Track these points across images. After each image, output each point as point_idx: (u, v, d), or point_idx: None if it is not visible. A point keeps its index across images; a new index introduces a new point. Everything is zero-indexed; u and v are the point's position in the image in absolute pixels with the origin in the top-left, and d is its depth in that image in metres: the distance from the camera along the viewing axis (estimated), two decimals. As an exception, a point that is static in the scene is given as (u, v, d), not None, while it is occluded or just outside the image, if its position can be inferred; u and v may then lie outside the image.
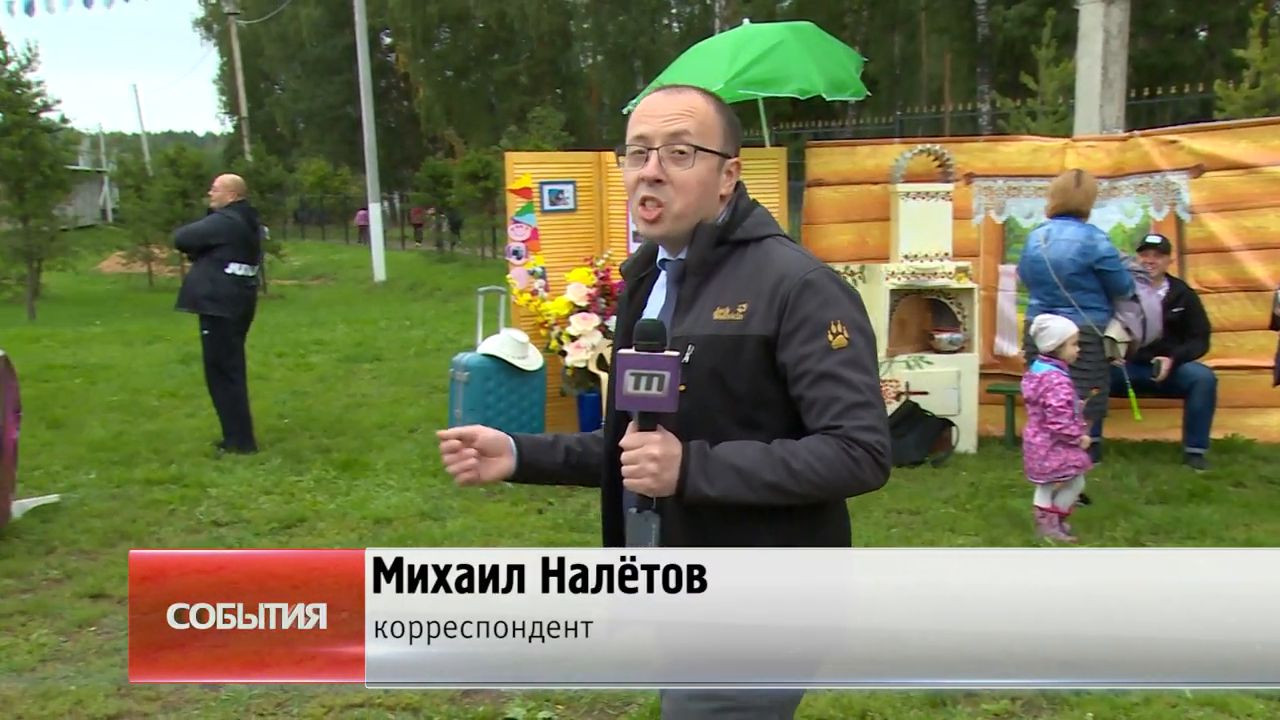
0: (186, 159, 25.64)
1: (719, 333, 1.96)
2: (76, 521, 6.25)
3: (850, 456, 1.88)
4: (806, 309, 1.93)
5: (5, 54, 20.47)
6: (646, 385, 1.86)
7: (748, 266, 2.00)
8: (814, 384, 1.91)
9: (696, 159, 1.99)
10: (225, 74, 56.56)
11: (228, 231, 7.72)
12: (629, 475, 1.91)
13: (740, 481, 1.89)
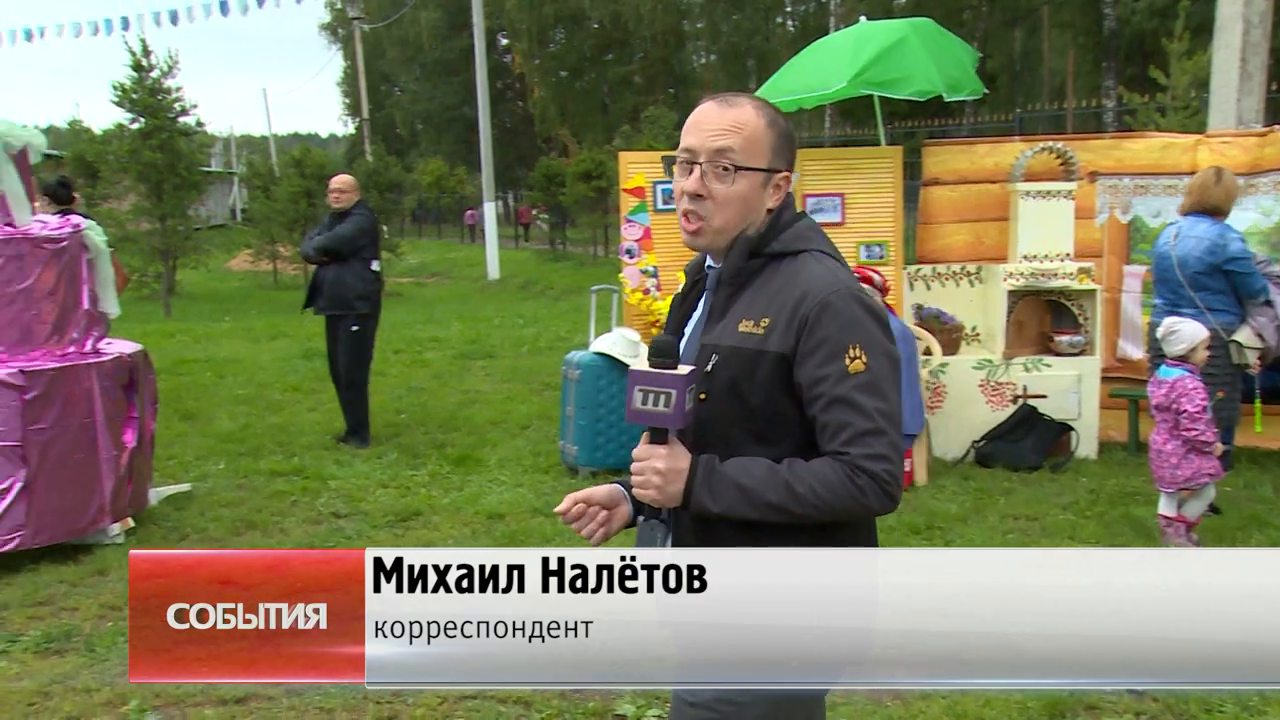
0: (311, 160, 26.41)
1: (741, 345, 1.97)
2: (206, 510, 6.50)
3: (855, 484, 1.88)
4: (825, 330, 1.92)
5: (149, 62, 21.40)
6: (654, 402, 1.89)
7: (778, 281, 2.00)
8: (827, 407, 1.91)
9: (739, 176, 2.00)
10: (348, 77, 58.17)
11: (370, 230, 8.08)
12: (636, 485, 1.96)
13: (743, 499, 1.91)
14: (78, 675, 4.21)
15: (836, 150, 8.36)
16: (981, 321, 7.88)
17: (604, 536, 2.12)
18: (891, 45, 7.32)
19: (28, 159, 5.98)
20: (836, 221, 7.40)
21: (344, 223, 8.06)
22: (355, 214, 8.05)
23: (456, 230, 45.84)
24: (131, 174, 21.65)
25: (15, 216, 5.79)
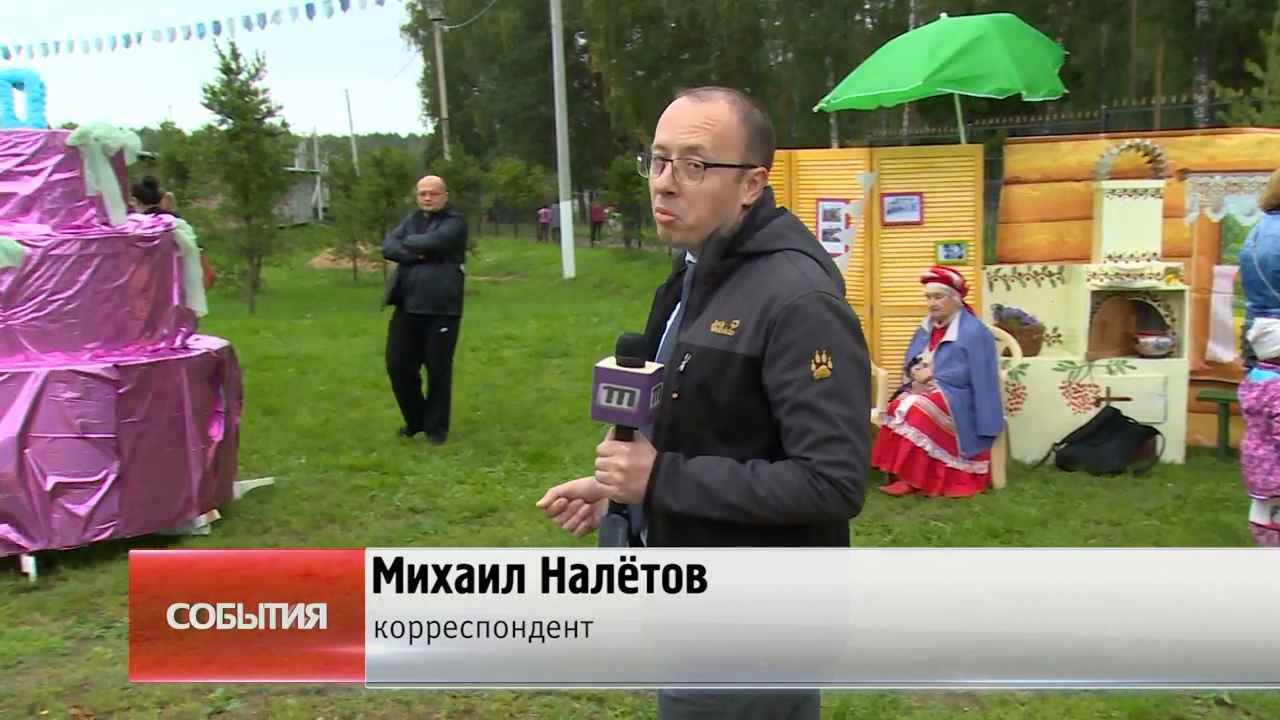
0: (391, 159, 26.80)
1: (711, 346, 1.97)
2: (288, 504, 6.64)
3: (815, 489, 1.88)
4: (792, 334, 1.92)
5: (237, 65, 21.91)
6: (618, 400, 1.90)
7: (750, 282, 2.00)
8: (791, 412, 1.92)
9: (709, 173, 1.99)
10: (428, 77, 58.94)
11: (465, 231, 8.28)
12: (599, 480, 1.98)
13: (704, 498, 1.91)
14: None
15: (915, 149, 8.26)
16: (1063, 322, 7.73)
17: (586, 529, 2.15)
18: (971, 42, 7.21)
19: (124, 160, 6.17)
20: (914, 220, 7.31)
21: (444, 224, 8.12)
22: (453, 215, 8.19)
23: (533, 229, 46.19)
24: (219, 174, 22.19)
25: (111, 216, 5.98)
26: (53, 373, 5.47)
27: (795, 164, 7.77)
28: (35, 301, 5.63)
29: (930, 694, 4.04)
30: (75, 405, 5.48)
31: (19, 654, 4.43)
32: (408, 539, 5.97)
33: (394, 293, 8.22)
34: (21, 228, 5.69)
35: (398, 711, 3.93)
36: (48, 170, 5.82)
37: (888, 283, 7.39)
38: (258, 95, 22.21)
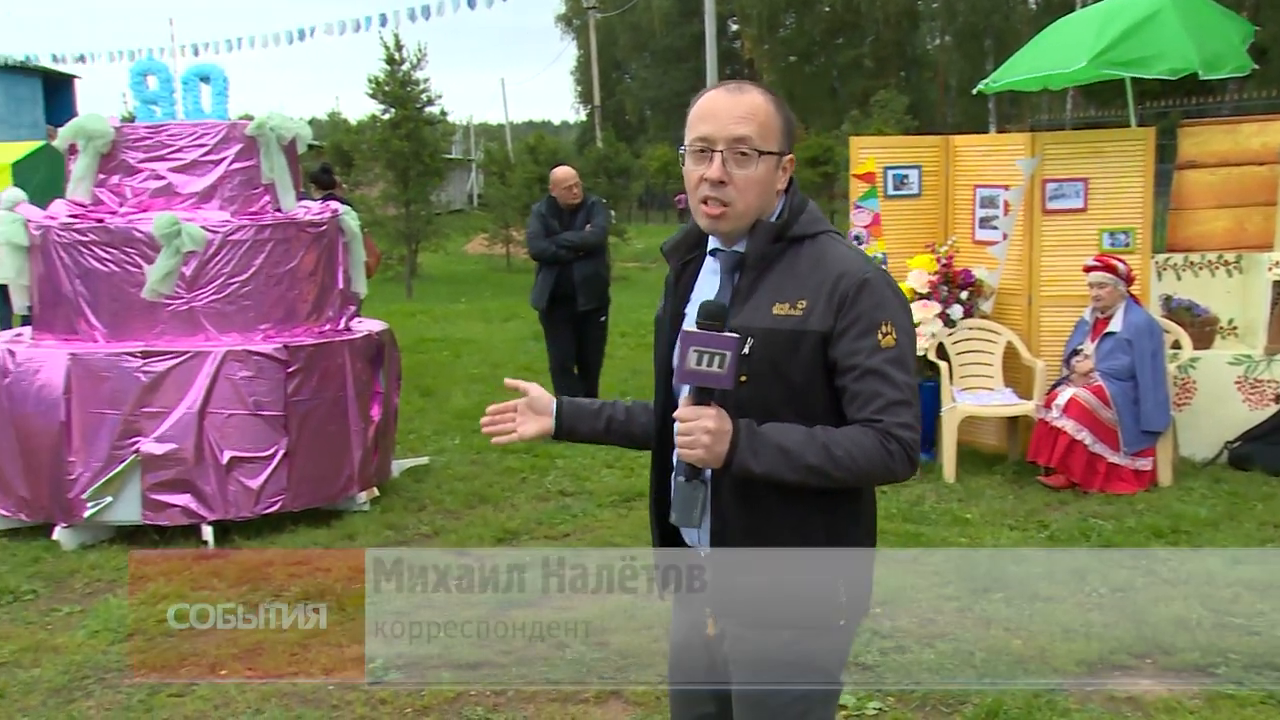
0: (545, 147, 27.24)
1: (778, 327, 2.03)
2: (443, 483, 6.84)
3: (886, 449, 1.99)
4: (861, 307, 2.02)
5: (400, 55, 22.60)
6: (708, 362, 1.93)
7: (805, 263, 2.08)
8: (860, 378, 2.01)
9: (759, 161, 2.07)
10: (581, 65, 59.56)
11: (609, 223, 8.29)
12: (683, 445, 1.99)
13: (784, 461, 1.98)
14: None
15: (1080, 133, 7.93)
16: (1240, 314, 7.34)
17: (513, 439, 2.28)
18: (1143, 20, 6.88)
19: (295, 149, 6.45)
20: (1078, 207, 7.03)
21: (597, 215, 8.08)
22: (596, 204, 8.16)
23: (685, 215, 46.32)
24: (381, 162, 22.94)
25: (281, 202, 6.26)
26: (229, 352, 5.77)
27: (952, 149, 7.58)
28: (215, 284, 5.94)
29: (1090, 697, 3.92)
30: (249, 383, 5.77)
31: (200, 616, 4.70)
32: (557, 521, 6.08)
33: (556, 296, 8.00)
34: (204, 214, 6.01)
35: (546, 689, 4.01)
36: (228, 159, 6.13)
37: (1047, 271, 7.15)
38: (419, 85, 22.85)
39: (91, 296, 5.91)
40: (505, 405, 2.30)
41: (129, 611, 4.73)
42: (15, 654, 4.34)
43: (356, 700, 3.94)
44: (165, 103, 6.25)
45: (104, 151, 6.06)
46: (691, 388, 1.99)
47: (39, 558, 5.48)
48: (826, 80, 43.12)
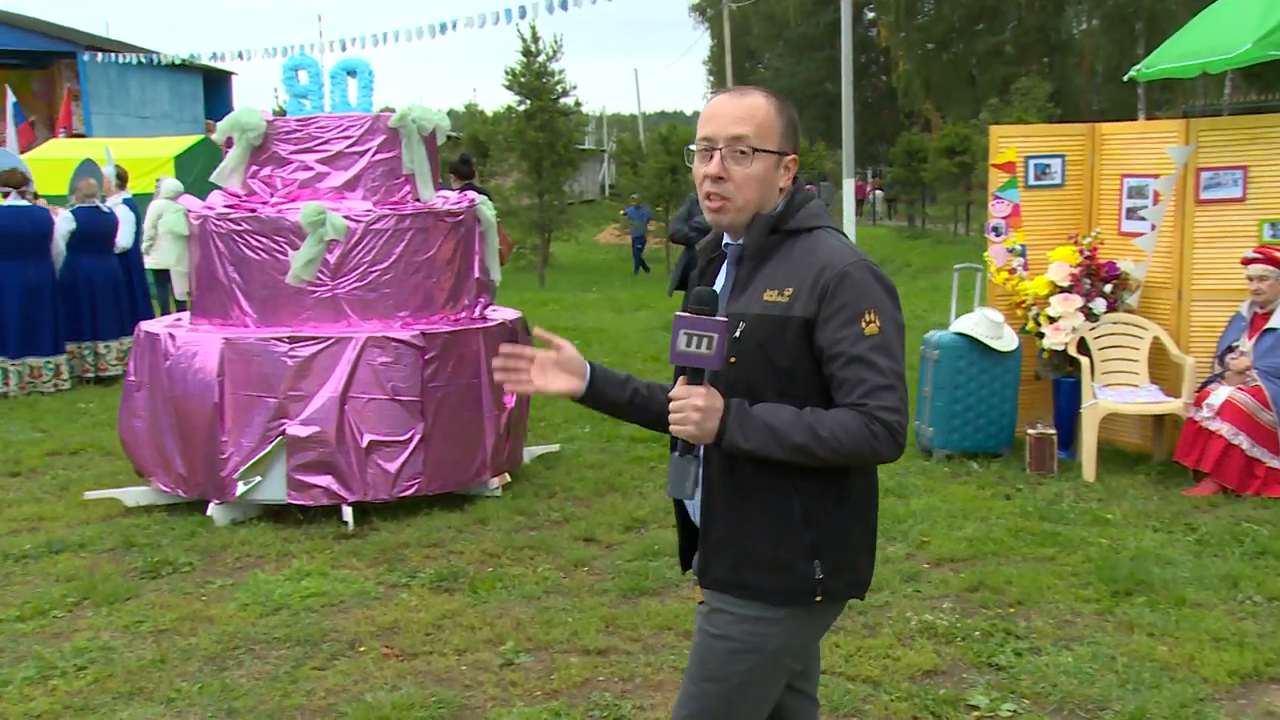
0: (677, 137, 27.23)
1: (767, 313, 2.17)
2: (573, 470, 6.93)
3: (870, 431, 2.10)
4: (844, 297, 2.13)
5: (537, 47, 22.94)
6: (697, 345, 2.06)
7: (798, 255, 2.21)
8: (846, 365, 2.12)
9: (755, 159, 2.20)
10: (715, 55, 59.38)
11: None
12: (675, 422, 2.13)
13: (772, 438, 2.10)
14: (464, 613, 4.64)
15: (1240, 119, 7.52)
16: None
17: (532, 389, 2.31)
18: (1314, -2, 6.51)
19: (435, 140, 6.60)
20: (1236, 197, 6.70)
21: None
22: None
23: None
24: (516, 152, 23.33)
25: (420, 192, 6.42)
26: (370, 338, 5.94)
27: (1099, 137, 7.31)
28: (357, 272, 6.13)
29: (1243, 710, 3.75)
30: (387, 369, 5.93)
31: (340, 594, 4.87)
32: (685, 510, 6.09)
33: (686, 277, 8.22)
34: (348, 204, 6.21)
35: (674, 678, 4.03)
36: (372, 150, 6.31)
37: (1200, 264, 6.83)
38: (554, 76, 23.16)
39: (244, 283, 6.17)
40: (519, 349, 2.34)
41: (275, 586, 4.93)
42: (174, 622, 4.57)
43: (488, 681, 4.03)
44: (314, 96, 6.47)
45: (256, 144, 6.31)
46: (686, 369, 2.11)
47: (195, 532, 5.75)
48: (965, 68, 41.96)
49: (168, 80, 24.41)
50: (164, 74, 24.02)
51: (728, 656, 2.25)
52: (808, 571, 2.21)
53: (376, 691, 3.92)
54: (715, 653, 2.26)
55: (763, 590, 2.22)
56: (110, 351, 10.18)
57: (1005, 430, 7.07)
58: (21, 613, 4.69)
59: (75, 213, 10.12)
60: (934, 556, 5.30)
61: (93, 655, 4.23)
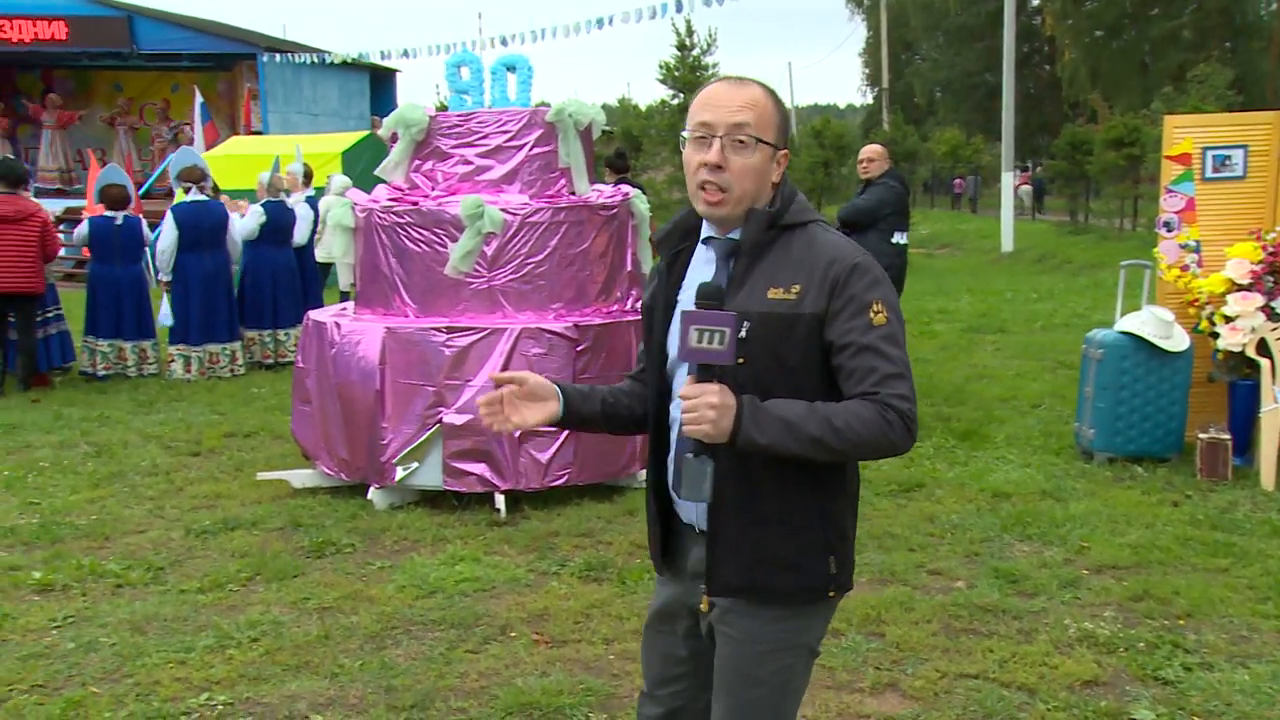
0: (830, 130, 26.90)
1: (774, 310, 2.12)
2: (721, 463, 6.92)
3: (885, 419, 2.06)
4: (853, 289, 2.11)
5: (691, 41, 23.00)
6: (709, 340, 2.00)
7: (797, 250, 2.17)
8: (856, 355, 2.10)
9: (756, 149, 2.15)
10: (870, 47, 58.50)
11: (894, 201, 7.93)
12: (689, 421, 2.04)
13: (788, 433, 2.05)
14: (612, 603, 4.70)
15: None
16: None
17: (513, 426, 2.27)
18: None
19: (591, 135, 6.69)
20: None
21: (865, 193, 8.09)
22: (879, 184, 8.01)
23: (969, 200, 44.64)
24: (669, 146, 23.42)
25: (576, 186, 6.51)
26: (524, 329, 6.07)
27: (1286, 127, 6.90)
28: (513, 264, 6.27)
29: None
30: (540, 360, 6.04)
31: (492, 580, 5.00)
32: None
33: None
34: (505, 197, 6.35)
35: (821, 676, 4.00)
36: (529, 145, 6.43)
37: (1397, 263, 6.38)
38: (708, 70, 23.16)
39: (405, 274, 6.37)
40: (493, 396, 2.29)
41: (431, 570, 5.09)
42: (337, 600, 4.77)
43: (635, 672, 4.06)
44: (475, 92, 6.62)
45: (419, 139, 6.51)
46: (695, 365, 2.06)
47: (356, 514, 5.98)
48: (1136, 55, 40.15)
49: (337, 78, 25.39)
50: (334, 72, 25.00)
51: (767, 659, 2.22)
52: (823, 569, 2.21)
53: (527, 677, 4.01)
54: (750, 658, 2.22)
55: (779, 593, 2.20)
56: (289, 338, 10.68)
57: (1174, 434, 6.75)
58: (202, 585, 4.96)
59: (265, 206, 10.69)
60: (1094, 563, 5.11)
61: (264, 628, 4.45)
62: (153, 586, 4.97)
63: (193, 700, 3.86)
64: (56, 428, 8.03)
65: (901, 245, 7.96)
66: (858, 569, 4.99)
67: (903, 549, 5.35)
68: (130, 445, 7.54)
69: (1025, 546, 5.38)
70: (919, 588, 4.86)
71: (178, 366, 9.95)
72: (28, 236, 9.04)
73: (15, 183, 9.29)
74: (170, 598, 4.82)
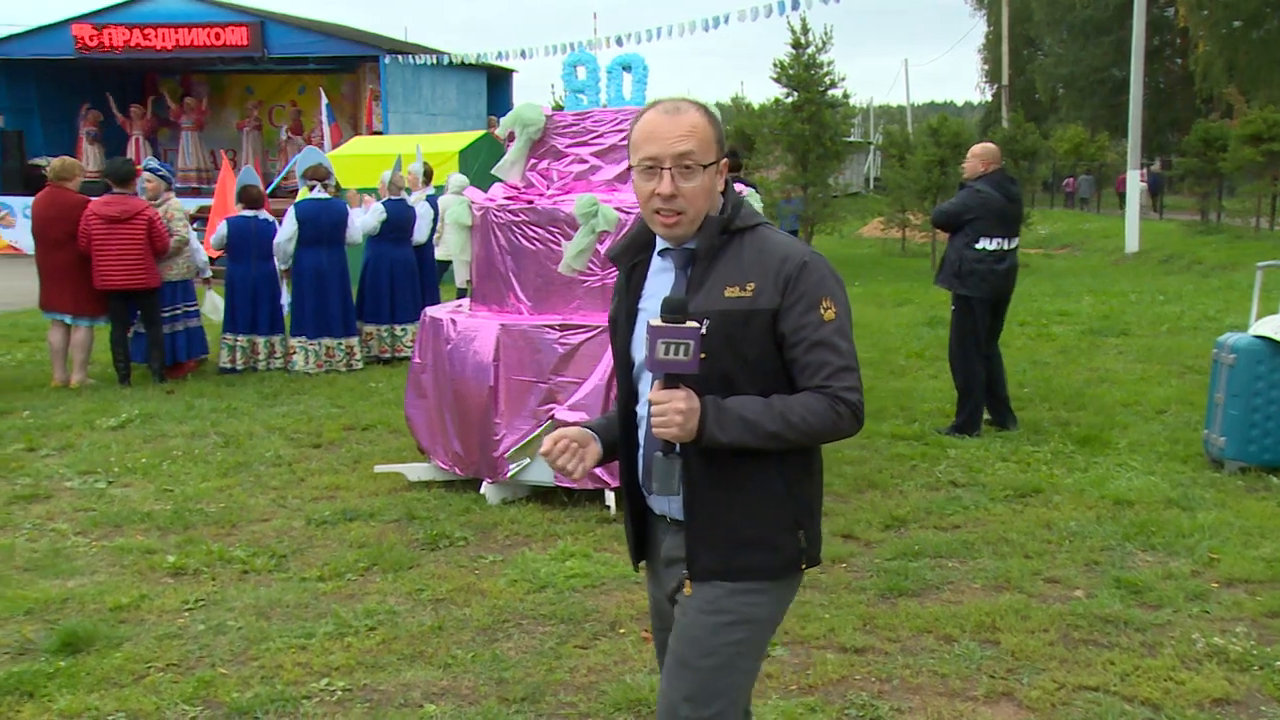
0: (947, 128, 26.38)
1: (731, 308, 2.28)
2: (830, 466, 6.83)
3: (836, 412, 2.27)
4: (804, 286, 2.29)
5: (806, 39, 22.82)
6: (674, 352, 2.15)
7: (749, 251, 2.33)
8: (809, 350, 2.28)
9: (701, 174, 2.30)
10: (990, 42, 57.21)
11: (977, 206, 7.51)
12: (659, 425, 2.21)
13: (748, 430, 2.24)
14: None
15: None
16: None
17: (584, 471, 2.42)
18: None
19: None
20: None
21: (956, 196, 7.83)
22: (969, 187, 7.65)
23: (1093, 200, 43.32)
24: (782, 145, 23.28)
25: (689, 186, 6.51)
26: (636, 328, 6.09)
27: None
28: (625, 264, 6.30)
29: None
30: (652, 358, 6.06)
31: (602, 576, 5.04)
32: (948, 512, 5.93)
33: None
34: (619, 196, 6.39)
35: (933, 682, 3.94)
36: (643, 145, 6.45)
37: None
38: (823, 68, 22.95)
39: (519, 272, 6.46)
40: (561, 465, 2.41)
41: (542, 565, 5.16)
42: (450, 593, 4.87)
43: (743, 670, 4.06)
44: (591, 91, 6.68)
45: (535, 138, 6.59)
46: (662, 374, 2.21)
47: (469, 509, 6.10)
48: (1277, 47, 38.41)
49: (455, 79, 25.89)
50: (452, 73, 25.49)
51: (724, 630, 2.33)
52: (794, 543, 2.37)
53: (636, 674, 4.04)
54: (708, 629, 2.34)
55: (754, 569, 2.35)
56: (406, 334, 10.94)
57: (1312, 444, 6.45)
58: (322, 573, 5.12)
59: (386, 204, 10.98)
60: (1224, 576, 4.92)
61: (380, 617, 4.57)
62: (276, 573, 5.15)
63: (313, 685, 3.99)
64: (188, 418, 8.36)
65: (989, 251, 7.48)
66: (971, 574, 4.97)
67: (1018, 555, 5.23)
68: (255, 436, 7.81)
69: (1149, 557, 5.21)
70: (1035, 595, 4.75)
71: (299, 359, 10.27)
72: (135, 234, 9.40)
73: (124, 182, 9.69)
74: (292, 585, 4.98)
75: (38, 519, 5.99)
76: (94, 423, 8.16)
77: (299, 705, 3.85)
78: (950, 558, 5.24)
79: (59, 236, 9.42)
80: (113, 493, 6.49)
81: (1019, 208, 7.84)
